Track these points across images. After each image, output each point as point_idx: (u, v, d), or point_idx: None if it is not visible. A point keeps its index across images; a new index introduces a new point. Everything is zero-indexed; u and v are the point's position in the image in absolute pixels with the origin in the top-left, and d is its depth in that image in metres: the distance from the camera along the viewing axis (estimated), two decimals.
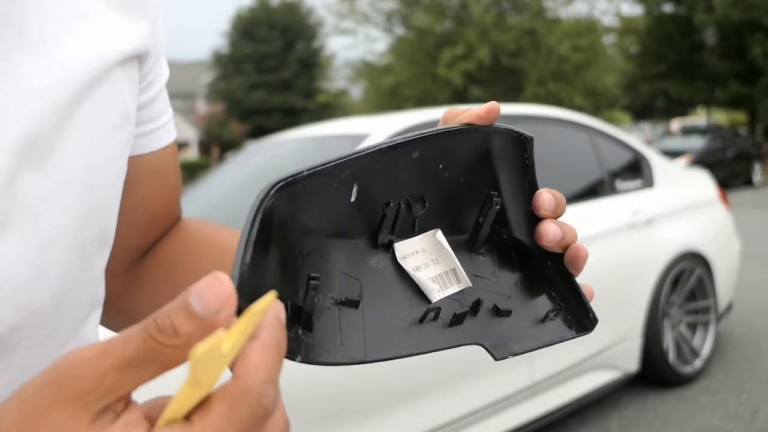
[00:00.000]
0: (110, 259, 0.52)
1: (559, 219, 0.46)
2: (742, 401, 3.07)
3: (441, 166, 0.44)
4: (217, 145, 28.50)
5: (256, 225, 0.32)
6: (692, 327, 3.44)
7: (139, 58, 0.46)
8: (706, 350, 3.41)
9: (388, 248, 0.43)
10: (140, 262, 0.58)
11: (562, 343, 0.45)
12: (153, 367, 0.25)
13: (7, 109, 0.35)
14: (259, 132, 25.16)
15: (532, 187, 0.46)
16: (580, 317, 0.46)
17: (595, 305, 0.47)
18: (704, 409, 3.02)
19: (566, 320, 0.46)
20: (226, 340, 0.24)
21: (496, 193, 0.45)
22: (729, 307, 3.77)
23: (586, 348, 2.74)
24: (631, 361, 3.01)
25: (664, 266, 3.13)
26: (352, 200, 0.40)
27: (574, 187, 3.11)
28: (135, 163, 0.50)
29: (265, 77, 29.01)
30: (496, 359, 0.43)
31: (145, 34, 0.45)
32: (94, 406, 0.25)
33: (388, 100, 21.19)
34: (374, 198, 0.41)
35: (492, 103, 0.44)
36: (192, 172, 22.48)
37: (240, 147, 16.50)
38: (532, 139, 0.46)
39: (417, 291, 0.43)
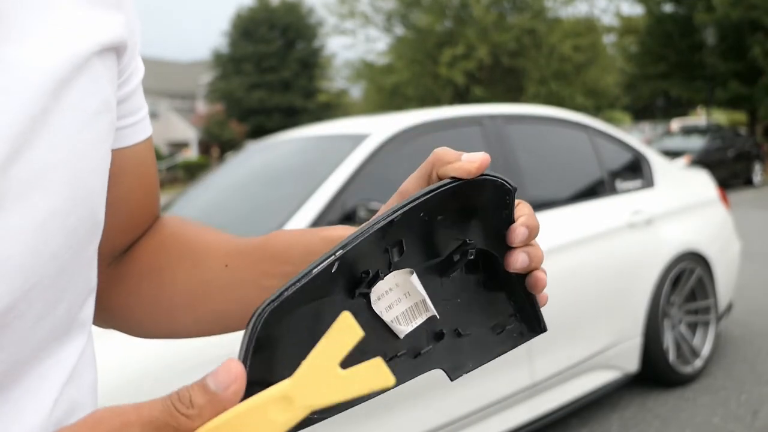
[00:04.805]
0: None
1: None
2: (742, 401, 3.07)
3: (422, 214, 0.44)
4: (217, 145, 28.52)
5: (253, 340, 0.36)
6: (692, 327, 3.44)
7: (116, 50, 0.47)
8: (706, 350, 3.42)
9: (366, 295, 0.43)
10: (121, 261, 0.59)
11: (563, 343, 0.46)
12: (168, 429, 0.30)
13: None
14: (259, 132, 25.20)
15: (509, 220, 0.47)
16: (532, 324, 0.49)
17: (595, 305, 0.48)
18: (704, 409, 3.02)
19: (519, 328, 0.49)
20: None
21: (472, 242, 0.46)
22: (729, 307, 3.77)
23: (586, 348, 2.74)
24: (631, 361, 3.01)
25: (664, 266, 3.13)
26: (332, 272, 0.40)
27: (574, 187, 3.11)
28: (118, 157, 0.51)
29: (265, 77, 29.03)
30: (451, 380, 0.45)
31: (120, 25, 0.47)
32: None
33: (389, 99, 21.16)
34: (355, 263, 0.42)
35: (483, 158, 0.44)
36: (192, 172, 22.47)
37: (240, 147, 16.50)
38: (515, 189, 0.46)
39: (389, 330, 0.45)
